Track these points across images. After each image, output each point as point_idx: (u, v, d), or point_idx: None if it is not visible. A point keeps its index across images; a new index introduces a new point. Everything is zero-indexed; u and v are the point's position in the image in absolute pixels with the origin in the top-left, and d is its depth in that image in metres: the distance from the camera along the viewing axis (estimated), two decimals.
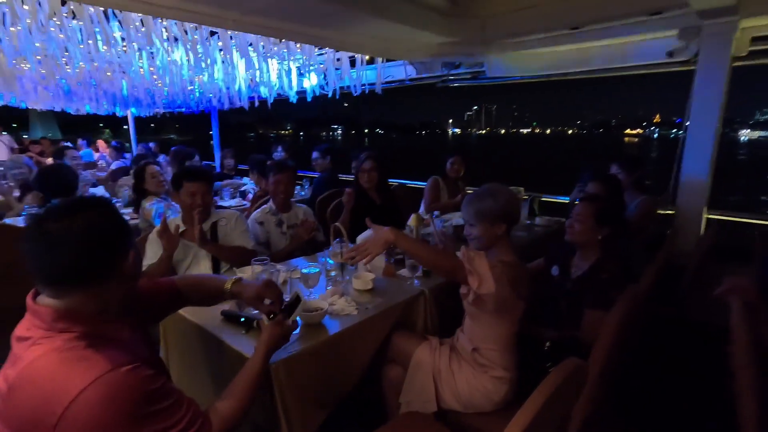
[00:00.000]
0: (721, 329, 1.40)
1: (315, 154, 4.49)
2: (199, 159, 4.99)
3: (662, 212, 3.14)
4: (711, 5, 2.29)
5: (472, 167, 3.67)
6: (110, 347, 0.86)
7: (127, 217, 2.80)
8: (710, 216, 3.02)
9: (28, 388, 0.79)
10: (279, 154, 5.69)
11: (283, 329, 1.23)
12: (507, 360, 1.59)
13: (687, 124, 2.86)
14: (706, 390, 2.17)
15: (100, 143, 8.98)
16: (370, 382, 1.76)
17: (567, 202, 3.25)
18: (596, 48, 3.26)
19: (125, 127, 8.98)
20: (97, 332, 0.87)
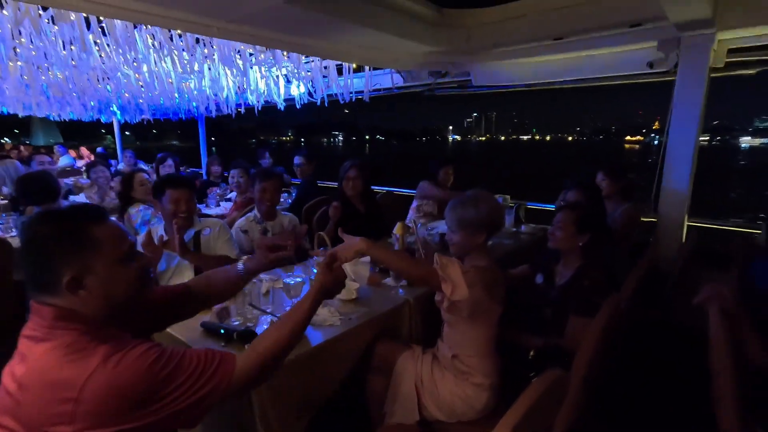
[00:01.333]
0: (706, 333, 1.42)
1: (297, 160, 4.45)
2: (173, 163, 4.90)
3: (645, 219, 3.19)
4: (687, 18, 2.35)
5: (470, 174, 3.68)
6: (112, 340, 0.87)
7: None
8: (691, 223, 3.07)
9: (37, 384, 0.80)
10: (266, 161, 5.65)
11: (335, 275, 1.21)
12: (486, 366, 1.59)
13: (667, 134, 2.92)
14: (690, 394, 2.19)
15: (83, 150, 8.84)
16: (354, 392, 1.74)
17: (555, 209, 3.28)
18: (579, 58, 3.31)
19: (127, 133, 8.86)
20: (98, 331, 0.87)
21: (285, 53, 3.56)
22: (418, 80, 4.40)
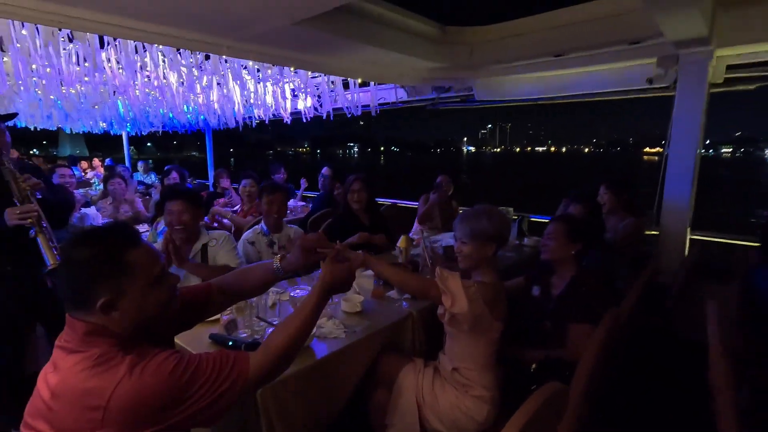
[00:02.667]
0: (706, 345, 1.44)
1: (326, 171, 4.61)
2: (177, 176, 4.97)
3: (648, 232, 3.21)
4: (684, 36, 2.40)
5: (483, 185, 3.72)
6: (136, 349, 0.92)
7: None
8: (694, 237, 3.09)
9: (70, 392, 0.85)
10: (280, 176, 5.69)
11: (341, 268, 1.20)
12: (486, 379, 1.61)
13: (667, 148, 2.96)
14: (691, 405, 2.20)
15: (96, 161, 9.00)
16: (358, 405, 1.77)
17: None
18: (579, 73, 3.37)
19: (148, 144, 9.02)
20: (126, 345, 0.92)
21: (292, 69, 3.65)
22: (422, 95, 4.48)
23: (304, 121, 4.98)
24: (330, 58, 3.16)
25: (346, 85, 4.26)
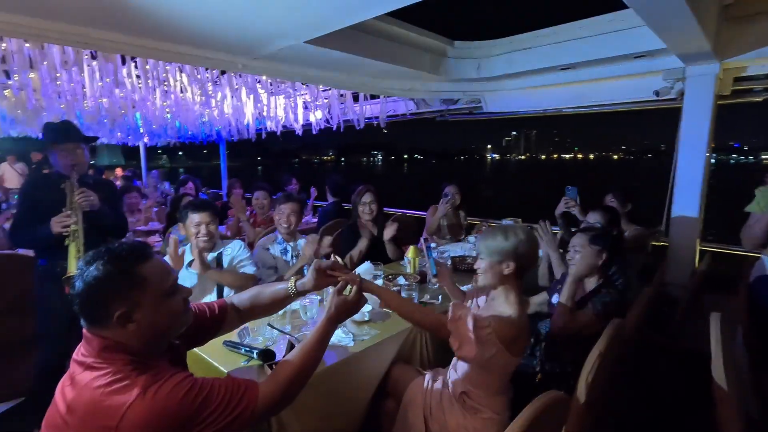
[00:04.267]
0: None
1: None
2: (193, 186, 5.10)
3: (656, 243, 3.21)
4: (688, 51, 2.43)
5: (507, 193, 3.69)
6: (151, 371, 0.96)
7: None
8: (704, 248, 3.08)
9: (84, 409, 0.89)
10: (292, 187, 5.80)
11: (349, 300, 1.28)
12: (497, 403, 1.57)
13: (675, 160, 2.97)
14: (698, 415, 2.19)
15: (118, 171, 9.28)
16: (371, 416, 1.80)
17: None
18: (587, 86, 3.41)
19: (180, 153, 9.28)
20: (141, 361, 0.97)
21: (304, 84, 3.77)
22: (431, 107, 4.56)
23: (314, 132, 5.09)
24: (340, 73, 3.25)
25: (356, 98, 4.36)
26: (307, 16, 2.03)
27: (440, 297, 2.29)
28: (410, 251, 2.60)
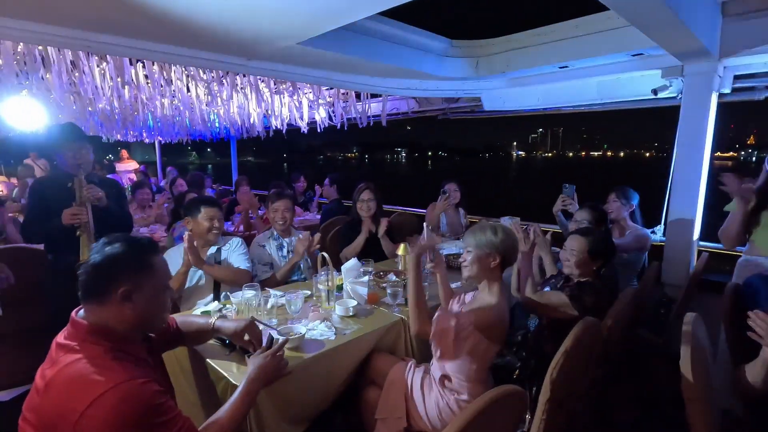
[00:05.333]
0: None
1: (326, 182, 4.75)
2: (184, 182, 5.23)
3: (655, 244, 3.18)
4: (681, 49, 2.41)
5: (531, 191, 3.55)
6: (130, 362, 1.05)
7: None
8: (703, 249, 3.04)
9: (59, 388, 0.97)
10: (300, 185, 5.89)
11: (273, 361, 1.39)
12: (476, 388, 1.64)
13: (673, 159, 2.94)
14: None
15: (128, 165, 9.54)
16: (351, 402, 1.86)
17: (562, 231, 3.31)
18: (585, 84, 3.39)
19: (208, 150, 9.51)
20: (121, 348, 1.06)
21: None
22: (432, 105, 4.58)
23: (319, 131, 5.16)
24: (338, 74, 3.30)
25: (358, 96, 4.41)
26: (296, 20, 2.09)
27: (427, 294, 2.32)
28: (401, 248, 2.65)
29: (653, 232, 3.23)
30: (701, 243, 3.07)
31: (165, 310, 1.20)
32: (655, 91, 2.92)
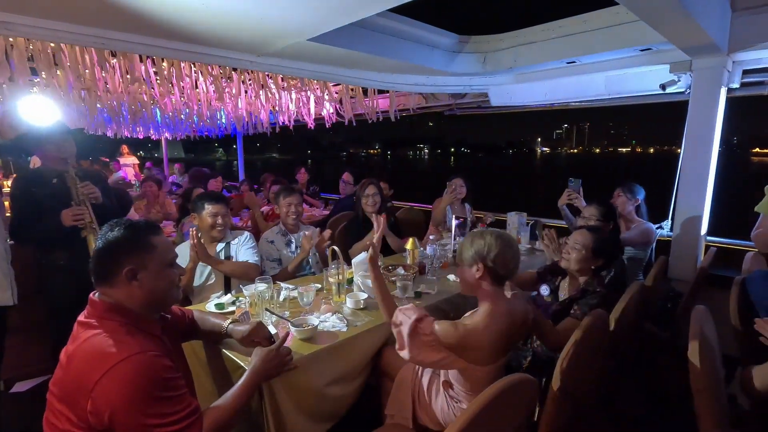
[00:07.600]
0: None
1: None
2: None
3: (662, 239, 3.19)
4: (690, 44, 2.40)
5: (556, 189, 3.41)
6: (144, 336, 1.12)
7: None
8: (711, 243, 3.04)
9: (78, 360, 1.04)
10: (301, 176, 5.94)
11: (277, 356, 1.42)
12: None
13: (682, 153, 2.94)
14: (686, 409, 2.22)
15: (146, 163, 9.65)
16: (371, 392, 1.90)
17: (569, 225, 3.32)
18: (593, 79, 3.39)
19: (234, 146, 9.59)
20: (137, 324, 1.13)
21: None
22: (440, 101, 4.59)
23: (327, 126, 5.19)
24: (346, 70, 3.32)
25: (365, 92, 4.42)
26: (308, 16, 2.11)
27: (435, 288, 2.36)
28: (409, 243, 2.67)
29: (660, 227, 3.24)
30: (708, 238, 3.08)
31: (173, 285, 1.25)
32: (663, 86, 2.92)
